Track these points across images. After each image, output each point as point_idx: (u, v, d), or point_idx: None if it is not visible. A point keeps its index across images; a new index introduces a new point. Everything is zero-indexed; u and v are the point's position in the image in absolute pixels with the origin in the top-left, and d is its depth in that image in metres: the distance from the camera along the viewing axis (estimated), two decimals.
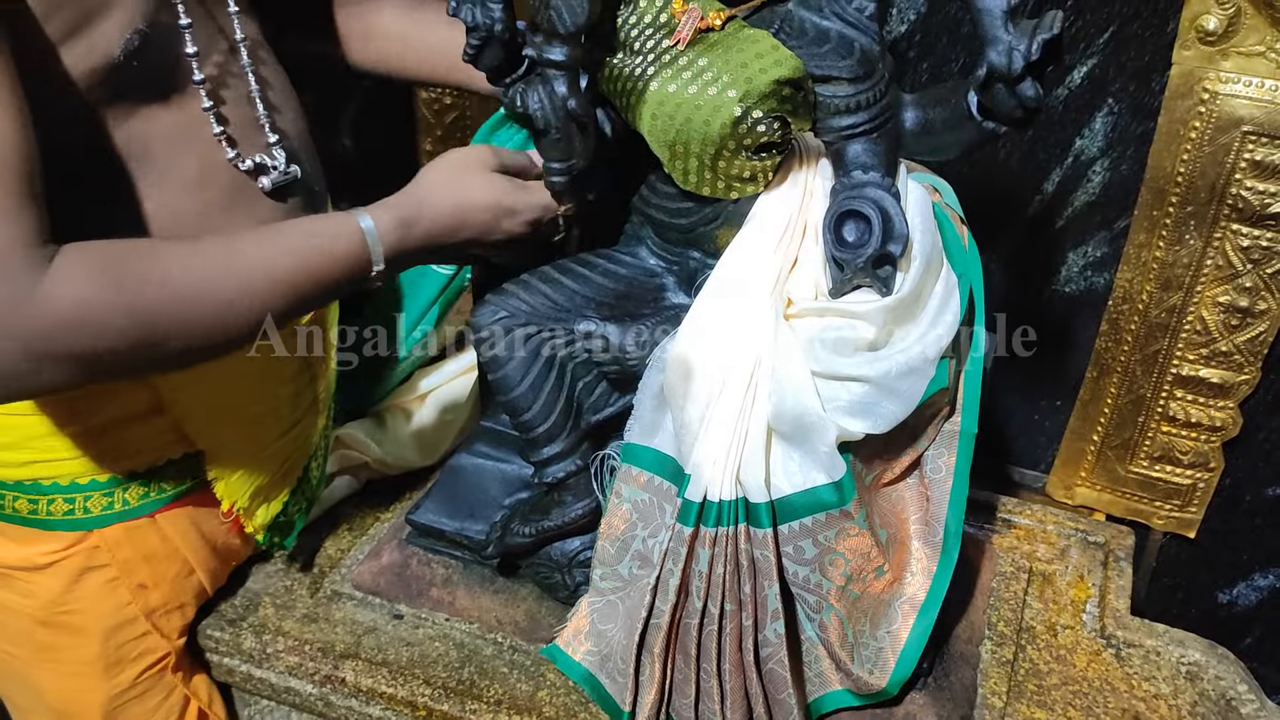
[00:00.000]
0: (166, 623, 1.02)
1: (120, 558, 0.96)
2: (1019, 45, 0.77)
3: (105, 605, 0.97)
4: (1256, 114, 1.05)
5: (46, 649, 0.98)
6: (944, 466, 0.93)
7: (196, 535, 1.01)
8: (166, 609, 1.01)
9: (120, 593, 0.97)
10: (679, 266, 0.99)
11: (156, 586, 0.99)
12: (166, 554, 0.99)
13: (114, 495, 0.93)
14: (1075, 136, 1.19)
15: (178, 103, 0.83)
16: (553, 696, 0.99)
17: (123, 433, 0.91)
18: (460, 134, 1.43)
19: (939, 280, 0.90)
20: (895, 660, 0.94)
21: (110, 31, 0.75)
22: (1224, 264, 1.13)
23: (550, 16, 0.84)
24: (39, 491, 0.91)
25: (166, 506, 0.97)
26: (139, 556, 0.97)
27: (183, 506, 0.98)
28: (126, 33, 0.76)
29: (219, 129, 0.85)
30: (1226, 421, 1.21)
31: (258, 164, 0.89)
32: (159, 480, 0.95)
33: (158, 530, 0.98)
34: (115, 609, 0.98)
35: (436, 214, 0.88)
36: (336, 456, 1.21)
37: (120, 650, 0.99)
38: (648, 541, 0.92)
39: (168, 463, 0.95)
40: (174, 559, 1.00)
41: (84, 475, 0.91)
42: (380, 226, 0.85)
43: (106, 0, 0.74)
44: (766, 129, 0.85)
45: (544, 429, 0.98)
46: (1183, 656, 1.07)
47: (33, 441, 0.89)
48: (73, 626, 0.97)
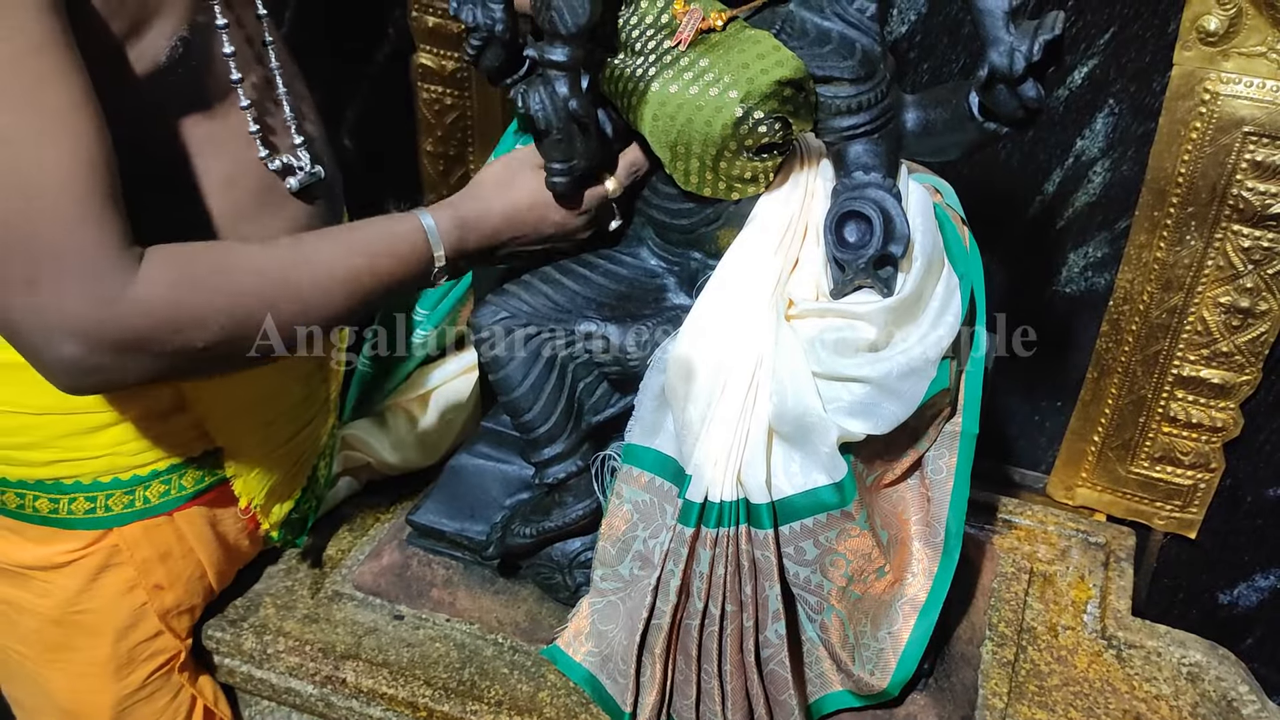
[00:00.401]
0: (179, 623, 1.02)
1: (139, 557, 0.96)
2: (1020, 46, 0.77)
3: (121, 606, 0.97)
4: (1258, 115, 1.05)
5: (58, 649, 0.99)
6: (945, 467, 0.93)
7: (211, 535, 1.02)
8: (180, 609, 1.02)
9: (136, 592, 0.98)
10: (680, 267, 0.99)
11: (171, 587, 1.00)
12: (182, 554, 1.00)
13: (135, 493, 0.94)
14: (1076, 137, 1.19)
15: (217, 103, 0.84)
16: (553, 697, 0.99)
17: (147, 430, 0.92)
18: (460, 134, 1.43)
19: (940, 281, 0.90)
20: (896, 661, 0.94)
21: (158, 38, 0.77)
22: (1225, 265, 1.13)
23: (551, 17, 0.84)
24: (60, 490, 0.91)
25: (185, 504, 0.98)
26: (156, 556, 0.98)
27: (199, 505, 0.99)
28: (173, 39, 0.78)
29: (255, 128, 0.87)
30: (1227, 422, 1.21)
31: (285, 164, 0.90)
32: (179, 478, 0.96)
33: (175, 529, 0.98)
34: (130, 609, 0.98)
35: (491, 213, 0.90)
36: (339, 458, 1.21)
37: (132, 651, 1.00)
38: (649, 542, 0.92)
39: (187, 460, 0.96)
40: (189, 559, 1.01)
41: (106, 474, 0.92)
42: (441, 226, 0.87)
43: (156, 6, 0.76)
44: (768, 130, 0.85)
45: (545, 430, 0.98)
46: (1184, 657, 1.07)
47: (57, 441, 0.89)
48: (87, 626, 0.97)
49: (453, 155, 1.45)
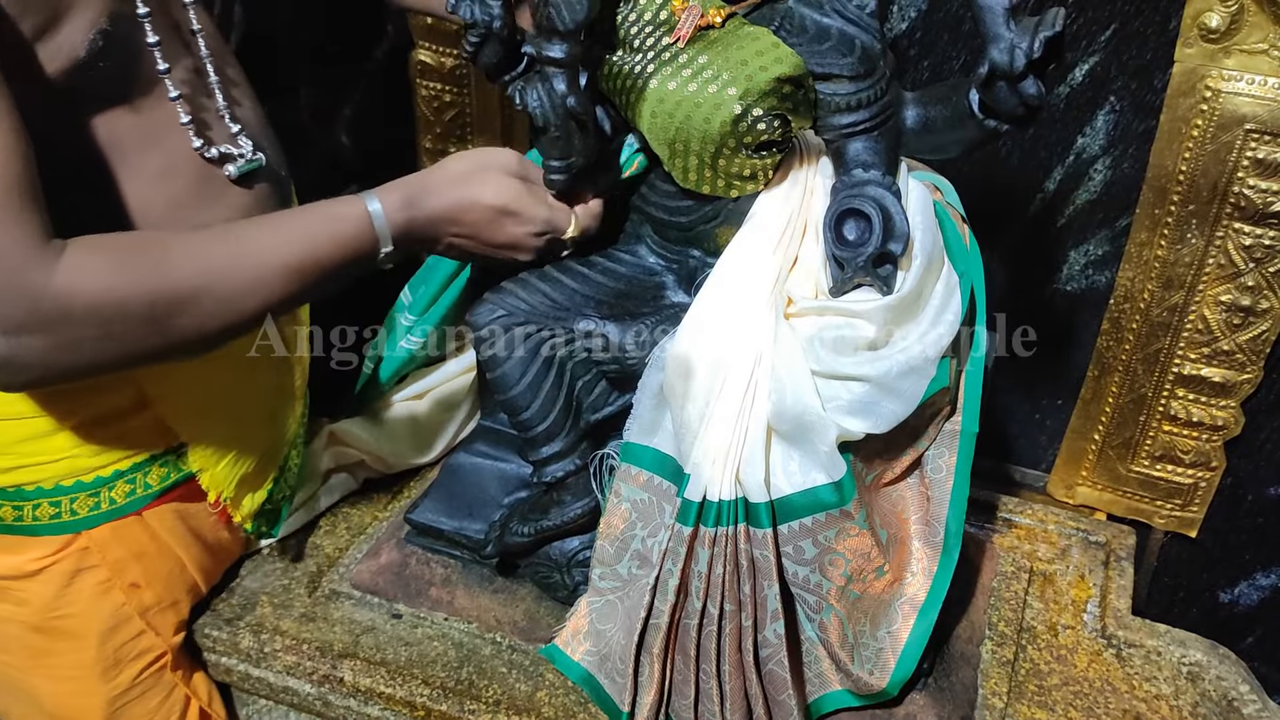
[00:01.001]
0: (161, 620, 1.01)
1: (111, 558, 0.96)
2: (1021, 43, 0.76)
3: (100, 607, 0.97)
4: (1259, 112, 1.05)
5: (43, 655, 0.98)
6: (945, 466, 0.93)
7: (185, 530, 1.01)
8: (160, 606, 1.01)
9: (114, 593, 0.97)
10: (679, 265, 0.99)
11: (149, 585, 0.99)
12: (157, 550, 0.99)
13: (100, 495, 0.93)
14: (1077, 134, 1.19)
15: (144, 95, 0.84)
16: (551, 697, 0.99)
17: (106, 430, 0.91)
18: (459, 131, 1.42)
19: (940, 279, 0.89)
20: (895, 660, 0.94)
21: (74, 33, 0.76)
22: (1226, 263, 1.12)
23: (549, 14, 0.83)
24: (23, 497, 0.91)
25: (153, 502, 0.97)
26: (130, 555, 0.97)
27: (169, 501, 0.98)
28: (91, 33, 0.77)
29: (186, 118, 0.86)
30: (1228, 421, 1.21)
31: (223, 153, 0.89)
32: (144, 476, 0.95)
33: (146, 527, 0.97)
34: (110, 610, 0.97)
35: (443, 198, 0.88)
36: (334, 453, 1.21)
37: (118, 651, 0.99)
38: (647, 541, 0.92)
39: (151, 457, 0.95)
40: (165, 555, 1.00)
41: (68, 477, 0.91)
42: (387, 207, 0.86)
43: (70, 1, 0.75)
44: (767, 127, 0.84)
45: (543, 428, 0.98)
46: (1184, 657, 1.07)
47: (14, 447, 0.89)
48: (68, 631, 0.97)
49: (451, 152, 1.44)
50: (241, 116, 0.93)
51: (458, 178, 0.90)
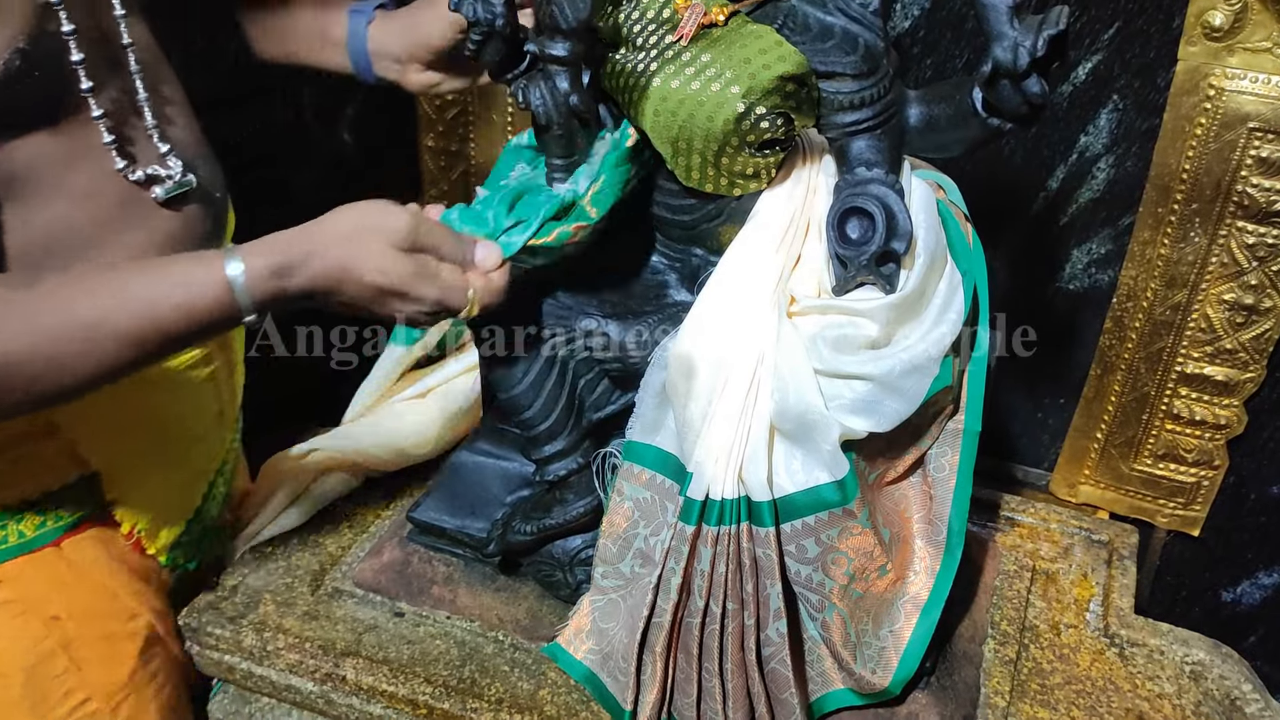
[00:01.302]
0: (91, 654, 0.94)
1: (25, 592, 0.90)
2: (1024, 41, 0.76)
3: (18, 642, 0.90)
4: (1263, 110, 1.05)
5: None
6: (947, 465, 0.93)
7: (109, 558, 0.95)
8: (89, 639, 0.94)
9: (32, 626, 0.90)
10: (681, 264, 0.99)
11: (71, 616, 0.93)
12: (77, 581, 0.93)
13: (7, 528, 0.88)
14: (1080, 133, 1.19)
15: (70, 115, 0.80)
16: (554, 695, 0.99)
17: (12, 459, 0.86)
18: (461, 129, 1.42)
19: (943, 278, 0.89)
20: (898, 659, 0.94)
21: None
22: (1229, 261, 1.12)
23: (552, 12, 0.83)
24: None
25: (67, 534, 0.92)
26: (49, 587, 0.91)
27: (86, 531, 0.94)
28: (7, 52, 0.73)
29: (109, 139, 0.83)
30: (1231, 419, 1.21)
31: (149, 175, 0.86)
32: (55, 508, 0.91)
33: (63, 558, 0.92)
34: (31, 644, 0.91)
35: (322, 266, 0.77)
36: (334, 453, 1.20)
37: (44, 687, 0.92)
38: (650, 540, 0.92)
39: (63, 488, 0.90)
40: (89, 586, 0.94)
41: None
42: (252, 274, 0.75)
43: None
44: (770, 125, 0.84)
45: (545, 427, 0.98)
46: (1187, 656, 1.06)
47: None
48: None
49: (454, 151, 1.44)
50: (173, 136, 0.89)
51: (338, 240, 0.78)
